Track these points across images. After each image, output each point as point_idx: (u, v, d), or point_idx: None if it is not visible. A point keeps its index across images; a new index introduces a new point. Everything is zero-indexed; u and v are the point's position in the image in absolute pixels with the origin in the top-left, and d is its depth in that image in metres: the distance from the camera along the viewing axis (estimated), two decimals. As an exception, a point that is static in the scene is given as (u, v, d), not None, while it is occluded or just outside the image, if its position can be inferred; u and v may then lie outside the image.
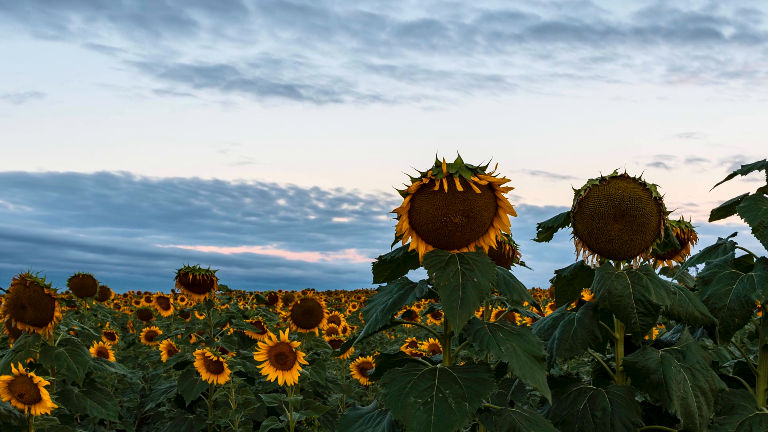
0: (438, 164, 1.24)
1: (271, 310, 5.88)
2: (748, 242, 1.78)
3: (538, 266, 2.26)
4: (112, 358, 3.66)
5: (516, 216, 1.29)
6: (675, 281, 2.07)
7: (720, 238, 1.92)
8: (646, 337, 1.70)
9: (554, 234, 1.68)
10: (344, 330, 4.91)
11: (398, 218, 1.28)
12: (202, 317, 5.82)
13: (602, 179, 1.48)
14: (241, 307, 5.71)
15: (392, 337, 7.40)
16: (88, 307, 4.97)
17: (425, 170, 1.25)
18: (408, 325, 7.14)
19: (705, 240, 2.25)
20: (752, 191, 1.80)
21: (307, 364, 2.93)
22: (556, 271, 1.76)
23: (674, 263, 2.26)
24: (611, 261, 1.55)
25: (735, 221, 1.76)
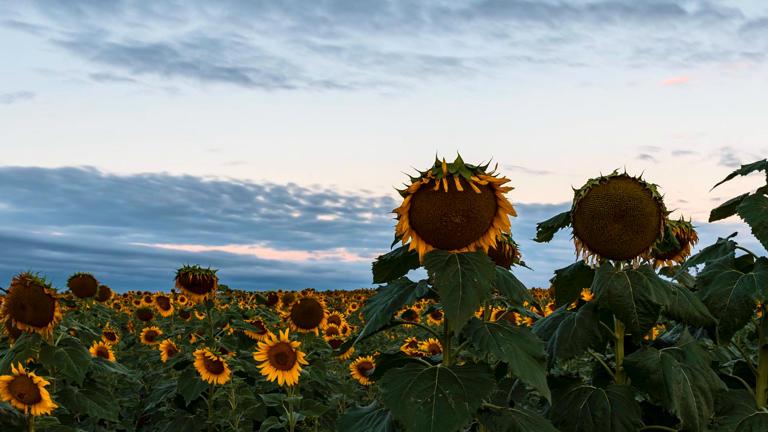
0: (438, 164, 1.24)
1: (271, 310, 5.88)
2: (748, 242, 1.78)
3: (536, 266, 2.26)
4: (112, 358, 3.66)
5: (516, 216, 1.29)
6: (675, 281, 2.07)
7: (720, 238, 1.92)
8: (646, 337, 1.70)
9: (554, 234, 1.68)
10: (344, 330, 4.91)
11: (398, 218, 1.28)
12: (202, 317, 5.81)
13: (602, 179, 1.48)
14: (241, 307, 5.71)
15: (392, 337, 7.40)
16: (88, 307, 4.97)
17: (425, 170, 1.25)
18: (408, 325, 7.14)
19: (705, 239, 2.25)
20: (748, 191, 1.80)
21: (307, 364, 2.93)
22: (556, 271, 1.76)
23: (674, 263, 2.26)
24: (611, 261, 1.55)
25: (735, 221, 1.76)
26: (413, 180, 1.26)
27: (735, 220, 1.75)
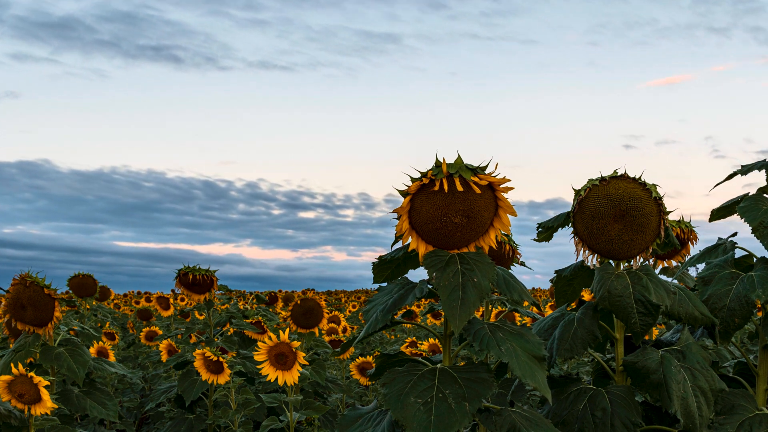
0: (438, 164, 1.24)
1: (271, 310, 5.88)
2: (748, 242, 1.78)
3: (537, 265, 2.26)
4: (112, 358, 3.66)
5: (516, 216, 1.29)
6: (675, 281, 2.07)
7: (720, 238, 1.92)
8: (646, 337, 1.70)
9: (554, 234, 1.68)
10: (344, 330, 4.91)
11: (398, 218, 1.28)
12: (202, 317, 5.82)
13: (602, 179, 1.48)
14: (241, 307, 5.71)
15: (392, 337, 7.40)
16: (88, 307, 4.97)
17: (425, 170, 1.25)
18: (408, 325, 7.15)
19: (705, 239, 2.25)
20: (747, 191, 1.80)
21: (307, 364, 2.93)
22: (556, 271, 1.76)
23: (674, 263, 2.26)
24: (611, 261, 1.55)
25: (735, 220, 1.76)
26: (413, 180, 1.26)
27: (735, 220, 1.75)
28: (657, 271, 1.96)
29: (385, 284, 1.43)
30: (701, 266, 1.83)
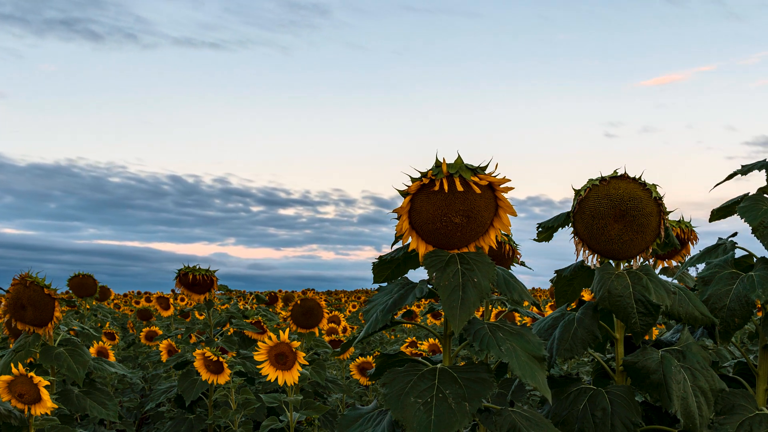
0: (438, 164, 1.24)
1: (271, 310, 5.88)
2: (748, 242, 1.78)
3: (536, 264, 2.25)
4: (112, 358, 3.66)
5: (516, 216, 1.29)
6: (675, 281, 2.07)
7: (720, 238, 1.92)
8: (646, 337, 1.70)
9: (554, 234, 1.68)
10: (344, 330, 4.91)
11: (398, 218, 1.28)
12: (202, 317, 5.82)
13: (602, 179, 1.48)
14: (241, 307, 5.71)
15: (392, 337, 7.40)
16: (88, 307, 4.97)
17: (425, 170, 1.25)
18: (408, 325, 7.15)
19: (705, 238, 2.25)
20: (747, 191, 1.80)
21: (307, 364, 2.93)
22: (556, 271, 1.76)
23: (674, 263, 2.26)
24: (611, 261, 1.55)
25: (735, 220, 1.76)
26: (413, 180, 1.26)
27: (735, 219, 1.75)
28: (657, 271, 1.96)
29: (385, 284, 1.43)
30: (701, 266, 1.83)
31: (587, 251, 1.52)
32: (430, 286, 1.32)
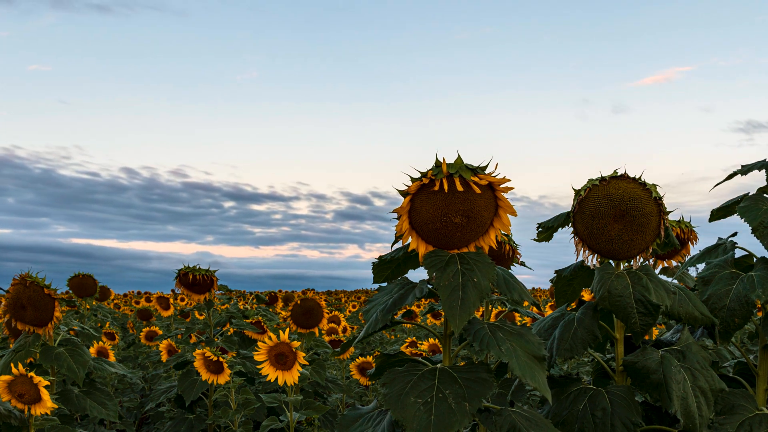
0: (438, 164, 1.24)
1: (271, 310, 5.88)
2: (748, 242, 1.78)
3: (536, 264, 2.26)
4: (112, 358, 3.66)
5: (516, 216, 1.29)
6: (675, 281, 2.07)
7: (720, 238, 1.92)
8: (646, 337, 1.70)
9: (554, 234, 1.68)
10: (344, 330, 4.91)
11: (398, 218, 1.28)
12: (202, 317, 5.82)
13: (602, 179, 1.48)
14: (241, 307, 5.71)
15: (392, 337, 7.40)
16: (88, 307, 4.97)
17: (425, 170, 1.25)
18: (408, 325, 7.15)
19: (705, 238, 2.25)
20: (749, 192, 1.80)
21: (307, 364, 2.93)
22: (556, 271, 1.76)
23: (674, 263, 2.26)
24: (611, 261, 1.55)
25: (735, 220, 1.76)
26: (413, 180, 1.26)
27: (735, 220, 1.75)
28: (657, 271, 1.96)
29: (385, 284, 1.43)
30: (701, 266, 1.83)
31: (587, 251, 1.52)
32: (430, 286, 1.32)
